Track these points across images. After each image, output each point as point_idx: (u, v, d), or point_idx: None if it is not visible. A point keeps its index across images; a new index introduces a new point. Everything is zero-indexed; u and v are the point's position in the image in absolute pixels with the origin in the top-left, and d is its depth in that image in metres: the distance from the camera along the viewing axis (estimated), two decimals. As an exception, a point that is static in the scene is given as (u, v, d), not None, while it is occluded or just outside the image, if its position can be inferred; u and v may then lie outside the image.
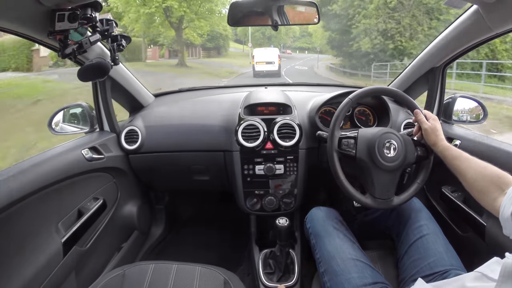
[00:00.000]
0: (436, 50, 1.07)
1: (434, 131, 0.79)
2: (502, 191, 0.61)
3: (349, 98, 0.88)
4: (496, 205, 0.60)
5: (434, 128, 0.80)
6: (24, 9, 0.65)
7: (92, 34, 0.76)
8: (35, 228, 0.81)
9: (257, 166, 1.11)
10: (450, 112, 1.17)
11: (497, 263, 0.47)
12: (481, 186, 0.66)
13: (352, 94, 0.88)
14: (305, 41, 42.52)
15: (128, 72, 1.21)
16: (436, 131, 0.79)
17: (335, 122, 0.87)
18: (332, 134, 0.86)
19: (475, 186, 0.67)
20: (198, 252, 1.48)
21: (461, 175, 0.71)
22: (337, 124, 0.87)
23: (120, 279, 0.78)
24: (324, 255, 0.79)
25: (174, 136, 1.24)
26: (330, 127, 0.87)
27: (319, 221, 0.88)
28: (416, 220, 0.83)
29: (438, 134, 0.79)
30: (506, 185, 0.61)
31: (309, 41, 41.53)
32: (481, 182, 0.66)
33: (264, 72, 13.31)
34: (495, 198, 0.61)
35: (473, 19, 0.85)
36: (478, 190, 0.67)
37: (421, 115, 0.83)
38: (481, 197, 0.66)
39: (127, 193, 1.29)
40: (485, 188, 0.64)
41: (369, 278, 0.71)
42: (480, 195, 0.66)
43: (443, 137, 0.80)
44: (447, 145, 0.77)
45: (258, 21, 0.95)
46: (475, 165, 0.70)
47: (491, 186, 0.63)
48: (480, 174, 0.67)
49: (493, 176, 0.64)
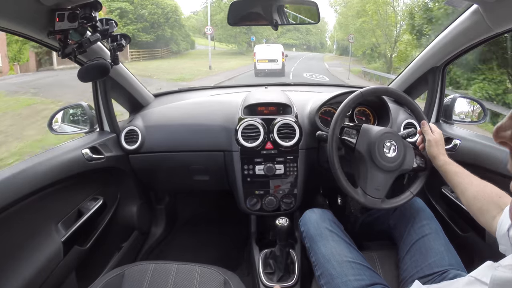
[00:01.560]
0: (436, 50, 1.06)
1: (437, 144, 0.80)
2: (501, 209, 0.61)
3: (361, 92, 0.87)
4: (494, 223, 0.60)
5: (438, 142, 0.80)
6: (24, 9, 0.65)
7: (92, 33, 0.76)
8: (35, 228, 0.81)
9: (257, 166, 1.11)
10: (450, 112, 1.18)
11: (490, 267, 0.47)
12: (481, 204, 0.65)
13: (364, 89, 0.88)
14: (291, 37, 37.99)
15: (128, 72, 1.21)
16: (439, 144, 0.80)
17: (341, 111, 0.86)
18: (336, 121, 0.86)
19: (475, 204, 0.67)
20: (198, 252, 1.48)
21: (461, 191, 0.71)
22: (343, 113, 0.86)
23: (120, 279, 0.78)
24: (320, 258, 0.79)
25: (174, 136, 1.24)
26: (335, 115, 0.87)
27: (313, 224, 0.88)
28: (419, 220, 0.83)
29: (441, 148, 0.80)
30: (505, 205, 0.61)
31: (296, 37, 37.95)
32: (481, 199, 0.66)
33: (266, 71, 12.78)
34: (494, 217, 0.61)
35: (473, 19, 0.85)
36: (478, 208, 0.66)
37: (427, 126, 0.83)
38: (480, 214, 0.66)
39: (127, 193, 1.28)
40: (485, 206, 0.64)
41: (367, 280, 0.71)
42: (479, 212, 0.66)
43: (445, 152, 0.80)
44: (448, 160, 0.77)
45: (258, 20, 0.95)
46: (476, 182, 0.70)
47: (491, 204, 0.63)
48: (480, 192, 0.67)
49: (493, 195, 0.64)
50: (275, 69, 12.75)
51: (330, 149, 0.85)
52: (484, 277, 0.45)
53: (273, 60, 12.87)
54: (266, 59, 12.90)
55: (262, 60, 12.89)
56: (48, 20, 0.68)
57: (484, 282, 0.45)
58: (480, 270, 0.48)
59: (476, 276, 0.47)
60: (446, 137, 1.08)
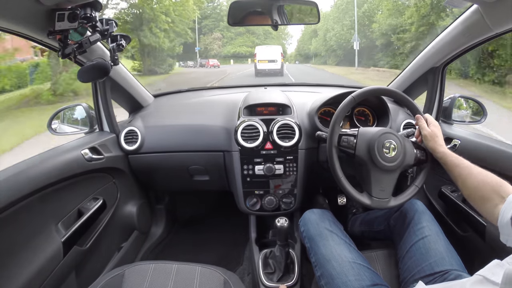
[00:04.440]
0: (435, 50, 1.06)
1: (433, 137, 0.80)
2: (502, 198, 0.61)
3: (352, 96, 0.87)
4: (495, 212, 0.60)
5: (434, 134, 0.80)
6: (24, 9, 0.64)
7: (92, 34, 0.76)
8: (35, 228, 0.81)
9: (256, 166, 1.11)
10: (450, 112, 1.17)
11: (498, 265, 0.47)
12: (483, 193, 0.65)
13: (355, 92, 0.88)
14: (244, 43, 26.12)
15: (127, 73, 1.21)
16: (435, 137, 0.80)
17: (335, 119, 0.87)
18: (333, 130, 0.86)
19: (476, 193, 0.67)
20: (198, 252, 1.48)
21: (462, 182, 0.71)
22: (337, 121, 0.87)
23: (120, 279, 0.78)
24: (320, 259, 0.79)
25: (173, 137, 1.23)
26: (330, 124, 0.87)
27: (313, 224, 0.88)
28: (419, 221, 0.83)
29: (437, 140, 0.79)
30: (506, 194, 0.61)
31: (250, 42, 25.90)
32: (482, 189, 0.65)
33: (266, 71, 12.99)
34: (495, 205, 0.61)
35: (473, 19, 0.85)
36: (479, 197, 0.66)
37: (422, 120, 0.83)
38: (482, 204, 0.66)
39: (127, 193, 1.28)
40: (487, 195, 0.64)
41: (367, 280, 0.71)
42: (481, 201, 0.66)
43: (443, 143, 0.80)
44: (447, 151, 0.77)
45: (258, 20, 0.95)
46: (476, 172, 0.69)
47: (493, 193, 0.63)
48: (481, 182, 0.66)
49: (495, 184, 0.64)
50: (274, 69, 13.03)
51: (330, 160, 0.85)
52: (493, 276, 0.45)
53: (273, 61, 13.16)
54: (266, 60, 13.21)
55: (262, 61, 13.20)
56: (48, 20, 0.68)
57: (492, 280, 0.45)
58: (487, 268, 0.48)
59: (484, 274, 0.47)
60: (445, 137, 1.08)
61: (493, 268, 0.47)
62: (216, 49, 23.82)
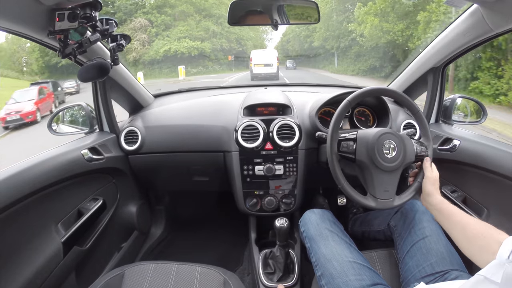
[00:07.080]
0: (435, 50, 1.06)
1: (435, 182, 0.79)
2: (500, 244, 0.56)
3: (347, 100, 0.87)
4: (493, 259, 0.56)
5: (436, 179, 0.79)
6: (24, 9, 0.64)
7: (92, 33, 0.76)
8: (35, 228, 0.81)
9: (256, 167, 1.11)
10: (450, 112, 1.18)
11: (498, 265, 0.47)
12: (483, 242, 0.61)
13: (350, 96, 0.87)
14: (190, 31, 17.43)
15: (128, 73, 1.21)
16: (436, 182, 0.79)
17: (333, 125, 0.86)
18: (331, 137, 0.85)
19: (476, 242, 0.63)
20: (198, 252, 1.48)
21: (461, 229, 0.67)
22: (335, 127, 0.86)
23: (120, 279, 0.78)
24: (320, 258, 0.79)
25: (173, 137, 1.23)
26: (329, 130, 0.87)
27: (313, 224, 0.88)
28: (419, 221, 0.83)
29: (437, 186, 0.79)
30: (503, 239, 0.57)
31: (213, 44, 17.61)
32: (481, 238, 0.62)
33: (262, 75, 12.89)
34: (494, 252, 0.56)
35: (473, 19, 0.85)
36: (480, 246, 0.62)
37: (429, 162, 0.82)
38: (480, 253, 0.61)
39: (127, 194, 1.28)
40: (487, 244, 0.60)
41: (367, 280, 0.71)
42: (480, 251, 0.61)
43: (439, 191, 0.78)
44: (444, 199, 0.75)
45: (257, 20, 0.95)
46: (473, 221, 0.67)
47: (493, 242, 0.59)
48: (481, 230, 0.63)
49: (493, 231, 0.61)
50: (270, 73, 13.00)
51: (332, 168, 0.84)
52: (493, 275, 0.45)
53: (269, 65, 13.12)
54: (262, 64, 13.14)
55: (258, 65, 13.14)
56: (48, 20, 0.68)
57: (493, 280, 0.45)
58: (488, 268, 0.48)
59: (485, 274, 0.47)
60: (445, 137, 1.08)
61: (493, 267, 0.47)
62: (137, 49, 12.07)
